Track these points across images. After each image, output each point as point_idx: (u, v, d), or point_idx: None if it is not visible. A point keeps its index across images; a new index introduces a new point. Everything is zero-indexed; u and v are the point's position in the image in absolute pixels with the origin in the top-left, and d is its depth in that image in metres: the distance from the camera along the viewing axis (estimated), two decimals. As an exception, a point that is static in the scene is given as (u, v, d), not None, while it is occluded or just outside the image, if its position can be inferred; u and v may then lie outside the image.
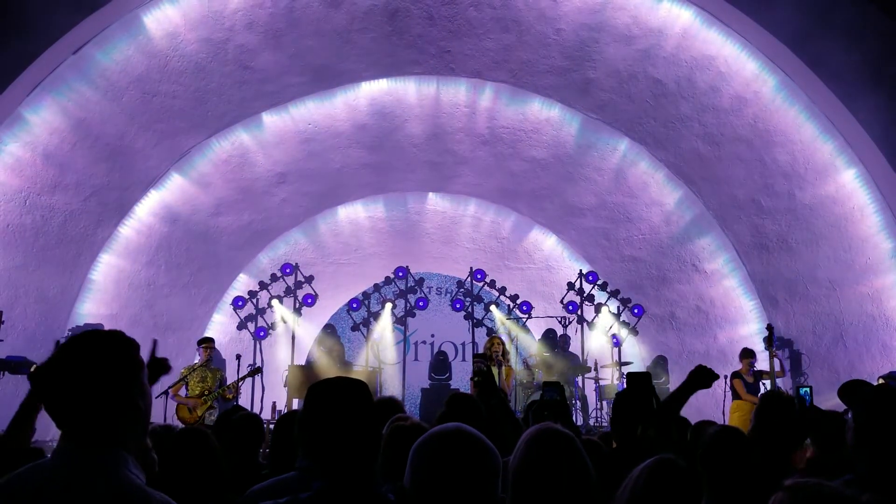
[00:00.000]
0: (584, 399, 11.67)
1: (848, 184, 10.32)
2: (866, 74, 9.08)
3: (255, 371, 10.23)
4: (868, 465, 2.27)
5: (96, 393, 1.69)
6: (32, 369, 9.21)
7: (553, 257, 13.92)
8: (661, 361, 12.63)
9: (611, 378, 12.03)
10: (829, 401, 5.65)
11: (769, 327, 10.21)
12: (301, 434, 2.08)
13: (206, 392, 9.78)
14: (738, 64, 10.22)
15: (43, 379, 1.72)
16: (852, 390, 4.36)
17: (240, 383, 9.99)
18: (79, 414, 1.69)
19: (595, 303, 12.62)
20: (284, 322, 12.45)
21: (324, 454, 1.99)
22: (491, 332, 12.56)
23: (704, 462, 2.66)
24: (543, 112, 11.78)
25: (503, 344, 9.35)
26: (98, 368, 1.71)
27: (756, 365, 10.21)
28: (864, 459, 2.29)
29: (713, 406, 10.23)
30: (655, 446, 3.10)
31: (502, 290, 13.41)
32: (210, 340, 10.44)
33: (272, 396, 11.47)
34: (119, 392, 1.72)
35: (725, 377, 10.38)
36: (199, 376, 9.90)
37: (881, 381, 8.92)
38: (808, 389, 3.39)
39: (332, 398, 2.07)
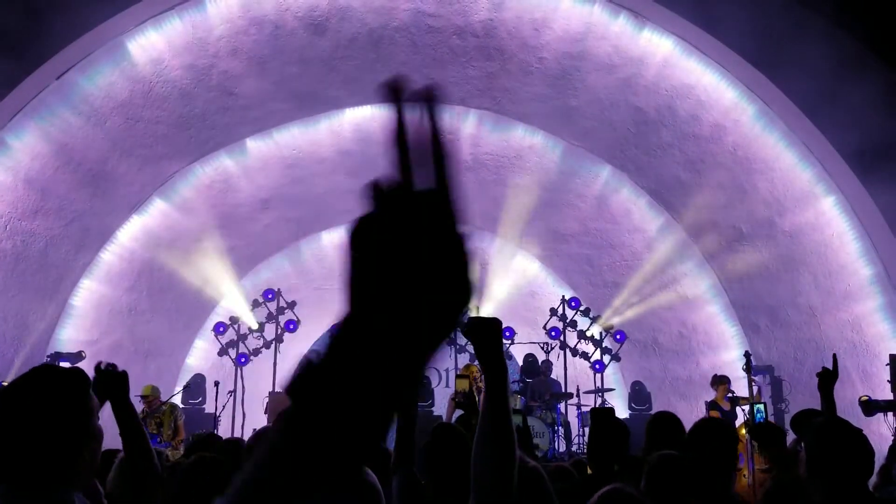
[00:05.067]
0: (566, 425, 11.64)
1: (827, 211, 10.41)
2: (844, 104, 9.20)
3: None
4: (821, 496, 2.29)
5: (38, 441, 1.59)
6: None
7: (536, 283, 13.95)
8: (637, 387, 12.63)
9: (593, 404, 12.01)
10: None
11: (746, 354, 10.31)
12: None
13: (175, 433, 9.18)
14: (718, 93, 10.35)
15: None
16: (804, 421, 4.37)
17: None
18: (17, 459, 1.59)
19: (577, 329, 12.62)
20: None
21: None
22: (473, 358, 12.54)
23: (647, 488, 2.69)
24: (526, 139, 11.88)
25: (480, 372, 9.32)
26: (41, 416, 1.60)
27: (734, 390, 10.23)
28: (817, 490, 2.31)
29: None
30: (624, 475, 3.12)
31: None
32: (151, 389, 9.63)
33: (252, 423, 11.36)
34: (63, 440, 1.62)
35: (706, 403, 10.40)
36: (155, 423, 9.21)
37: (864, 398, 8.98)
38: (761, 406, 3.47)
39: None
